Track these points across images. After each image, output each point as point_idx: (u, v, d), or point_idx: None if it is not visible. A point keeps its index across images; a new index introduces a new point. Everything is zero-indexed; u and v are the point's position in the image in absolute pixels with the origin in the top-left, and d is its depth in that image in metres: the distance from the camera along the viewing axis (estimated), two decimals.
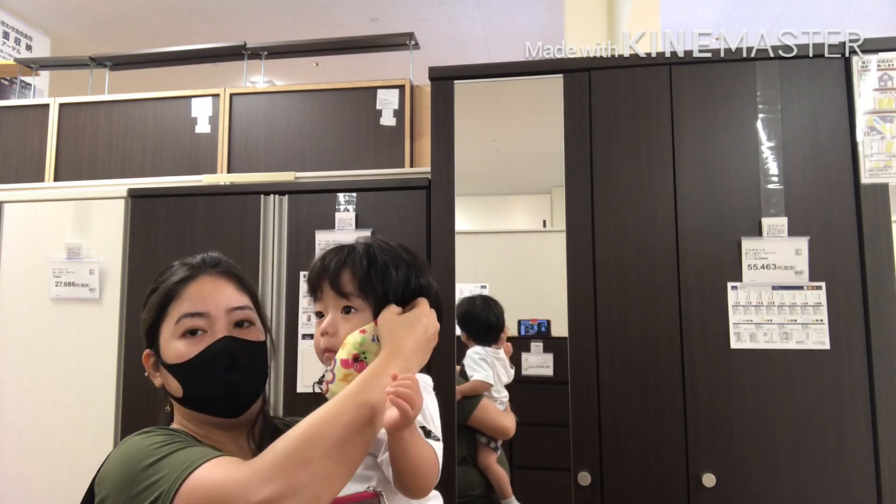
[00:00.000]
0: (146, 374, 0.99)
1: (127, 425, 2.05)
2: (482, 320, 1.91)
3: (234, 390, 0.93)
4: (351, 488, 0.87)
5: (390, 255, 0.98)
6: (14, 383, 2.15)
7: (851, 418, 1.58)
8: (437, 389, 0.99)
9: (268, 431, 1.00)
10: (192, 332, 0.93)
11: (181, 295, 0.94)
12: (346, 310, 0.95)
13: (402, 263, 0.98)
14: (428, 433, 0.88)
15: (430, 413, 0.92)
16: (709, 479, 1.59)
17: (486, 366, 1.89)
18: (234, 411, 0.95)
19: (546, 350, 1.93)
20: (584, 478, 1.63)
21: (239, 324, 0.97)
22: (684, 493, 1.60)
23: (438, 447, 0.88)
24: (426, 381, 0.95)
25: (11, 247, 2.22)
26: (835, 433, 1.58)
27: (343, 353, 0.92)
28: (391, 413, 0.79)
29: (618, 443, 1.64)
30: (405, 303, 0.97)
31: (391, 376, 0.82)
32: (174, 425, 0.97)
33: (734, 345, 1.64)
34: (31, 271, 2.18)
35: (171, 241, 2.08)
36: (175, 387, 0.93)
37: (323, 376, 0.96)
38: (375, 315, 0.94)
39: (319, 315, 0.99)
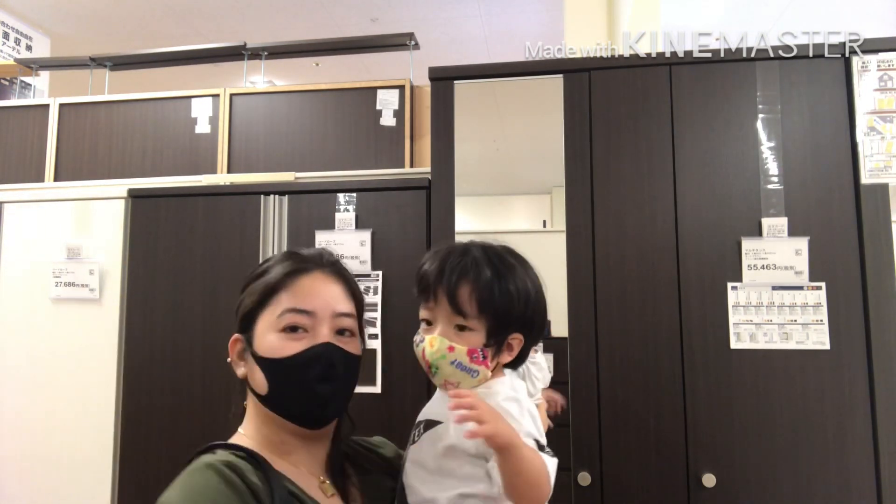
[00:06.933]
0: (228, 360, 0.92)
1: (126, 425, 2.05)
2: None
3: (322, 401, 0.87)
4: (459, 488, 0.83)
5: (511, 272, 0.87)
6: (14, 383, 2.15)
7: (851, 418, 1.58)
8: None
9: (339, 453, 0.94)
10: (292, 329, 0.87)
11: (289, 287, 0.89)
12: (461, 327, 0.85)
13: (524, 283, 0.87)
14: (542, 447, 0.83)
15: (536, 424, 0.87)
16: (709, 479, 1.59)
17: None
18: (316, 423, 0.89)
19: (546, 350, 1.92)
20: (584, 478, 1.63)
21: (340, 332, 0.90)
22: (684, 493, 1.60)
23: (552, 463, 0.83)
24: (517, 388, 0.89)
25: (11, 247, 2.22)
26: (835, 433, 1.58)
27: (427, 354, 0.86)
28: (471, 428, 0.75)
29: (618, 443, 1.64)
30: (518, 326, 0.88)
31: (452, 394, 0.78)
32: (242, 432, 0.91)
33: (734, 345, 1.64)
34: (31, 271, 2.18)
35: (171, 241, 2.07)
36: (261, 382, 0.87)
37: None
38: (489, 336, 0.85)
39: (426, 322, 0.90)
